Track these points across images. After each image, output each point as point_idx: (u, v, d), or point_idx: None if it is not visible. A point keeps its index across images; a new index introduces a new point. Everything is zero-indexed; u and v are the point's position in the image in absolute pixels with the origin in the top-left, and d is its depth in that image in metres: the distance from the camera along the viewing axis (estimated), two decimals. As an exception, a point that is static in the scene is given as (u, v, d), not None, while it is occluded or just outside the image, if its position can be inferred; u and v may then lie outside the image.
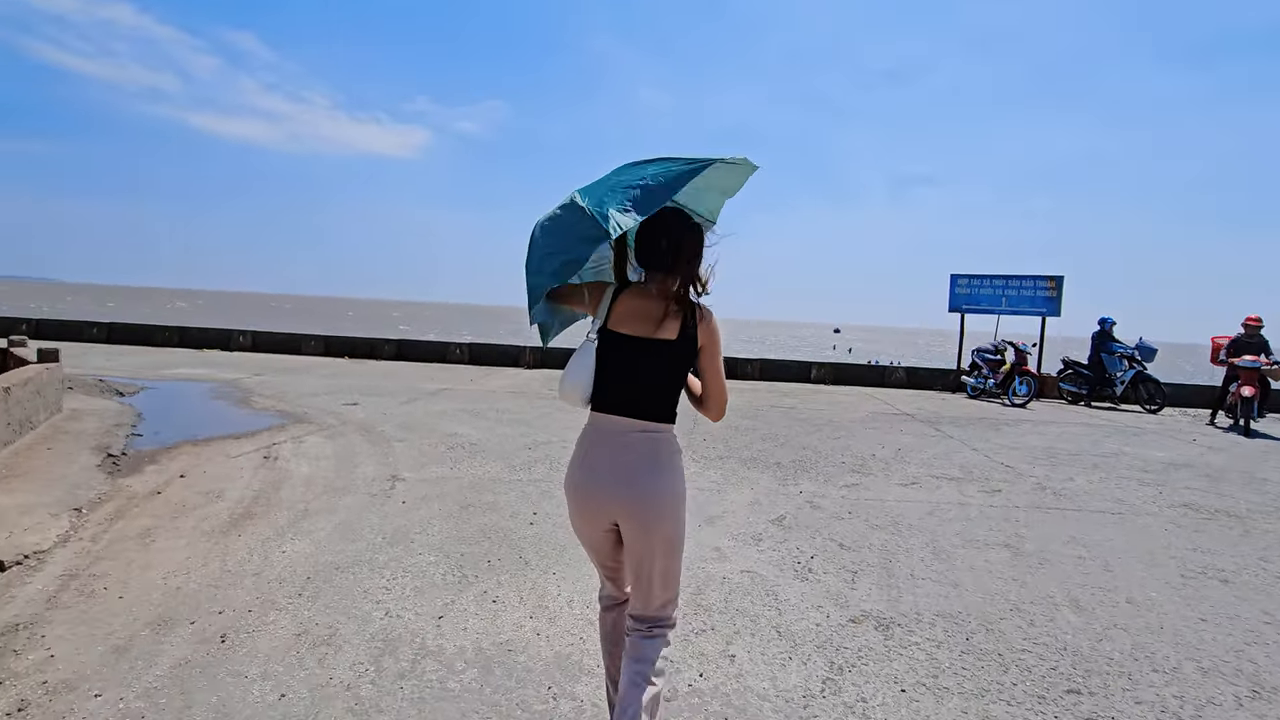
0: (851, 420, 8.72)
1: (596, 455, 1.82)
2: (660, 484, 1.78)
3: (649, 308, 1.79)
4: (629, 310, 1.81)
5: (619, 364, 1.81)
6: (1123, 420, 10.11)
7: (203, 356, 12.69)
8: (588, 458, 1.84)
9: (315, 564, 3.25)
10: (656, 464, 1.79)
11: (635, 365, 1.80)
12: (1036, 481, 5.73)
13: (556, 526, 3.96)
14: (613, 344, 1.81)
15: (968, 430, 8.38)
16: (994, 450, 7.08)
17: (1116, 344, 11.82)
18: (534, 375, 12.37)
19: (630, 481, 1.76)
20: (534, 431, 6.84)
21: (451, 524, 3.92)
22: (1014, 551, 3.92)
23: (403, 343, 14.76)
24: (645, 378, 1.80)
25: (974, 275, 14.41)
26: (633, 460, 1.78)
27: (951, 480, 5.62)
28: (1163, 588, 3.48)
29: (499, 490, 4.67)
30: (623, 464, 1.78)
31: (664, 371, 1.80)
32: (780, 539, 3.95)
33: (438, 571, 3.22)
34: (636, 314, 1.80)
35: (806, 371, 14.29)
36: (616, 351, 1.81)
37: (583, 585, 3.15)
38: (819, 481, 5.37)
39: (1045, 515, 4.71)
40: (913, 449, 6.91)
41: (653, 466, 1.78)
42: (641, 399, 1.80)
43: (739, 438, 7.02)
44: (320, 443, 5.91)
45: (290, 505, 4.14)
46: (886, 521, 4.38)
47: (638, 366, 1.80)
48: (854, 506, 4.70)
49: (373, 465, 5.21)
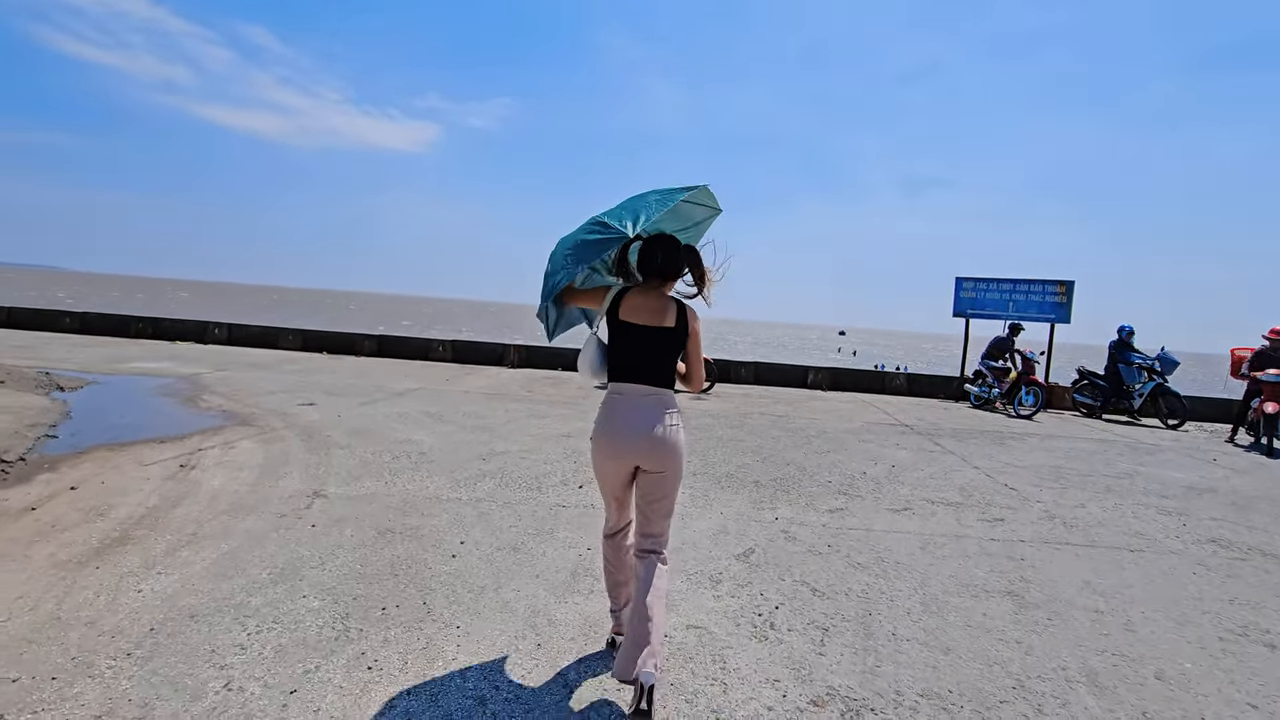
0: (845, 431, 8.12)
1: (620, 413, 2.35)
2: (667, 432, 2.34)
3: (653, 304, 2.38)
4: (636, 306, 2.37)
5: (632, 345, 2.36)
6: (1135, 436, 9.48)
7: (172, 349, 12.17)
8: (613, 415, 2.36)
9: (169, 609, 2.69)
10: (664, 418, 2.35)
11: (645, 346, 2.36)
12: (1044, 508, 5.13)
13: (482, 560, 3.39)
14: (626, 331, 2.36)
15: (969, 444, 7.78)
16: (997, 469, 6.47)
17: (1135, 354, 11.14)
18: (516, 375, 11.80)
19: (647, 432, 2.31)
20: (495, 440, 6.27)
21: (358, 556, 3.35)
22: (1018, 601, 3.32)
23: (384, 339, 14.22)
24: (652, 355, 2.36)
25: (980, 279, 13.77)
26: (647, 415, 2.33)
27: (949, 506, 5.03)
28: (1198, 655, 2.88)
29: (430, 511, 4.10)
30: (640, 419, 2.33)
31: (666, 350, 2.37)
32: (743, 581, 3.36)
33: (315, 623, 2.66)
34: (643, 309, 2.37)
35: (803, 376, 13.68)
36: (630, 337, 2.36)
37: (489, 645, 2.58)
38: (799, 505, 4.78)
39: (1054, 553, 4.11)
40: (908, 466, 6.31)
41: (662, 419, 2.34)
42: (650, 370, 2.36)
43: (718, 450, 6.44)
44: (252, 449, 5.36)
45: (179, 528, 3.57)
46: (871, 558, 3.79)
47: (647, 347, 2.36)
48: (835, 538, 4.11)
49: (298, 478, 4.65)
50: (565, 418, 7.74)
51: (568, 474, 5.22)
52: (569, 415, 7.94)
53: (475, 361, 13.70)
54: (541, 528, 3.94)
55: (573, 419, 7.70)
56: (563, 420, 7.58)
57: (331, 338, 14.20)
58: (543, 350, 14.01)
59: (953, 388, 13.46)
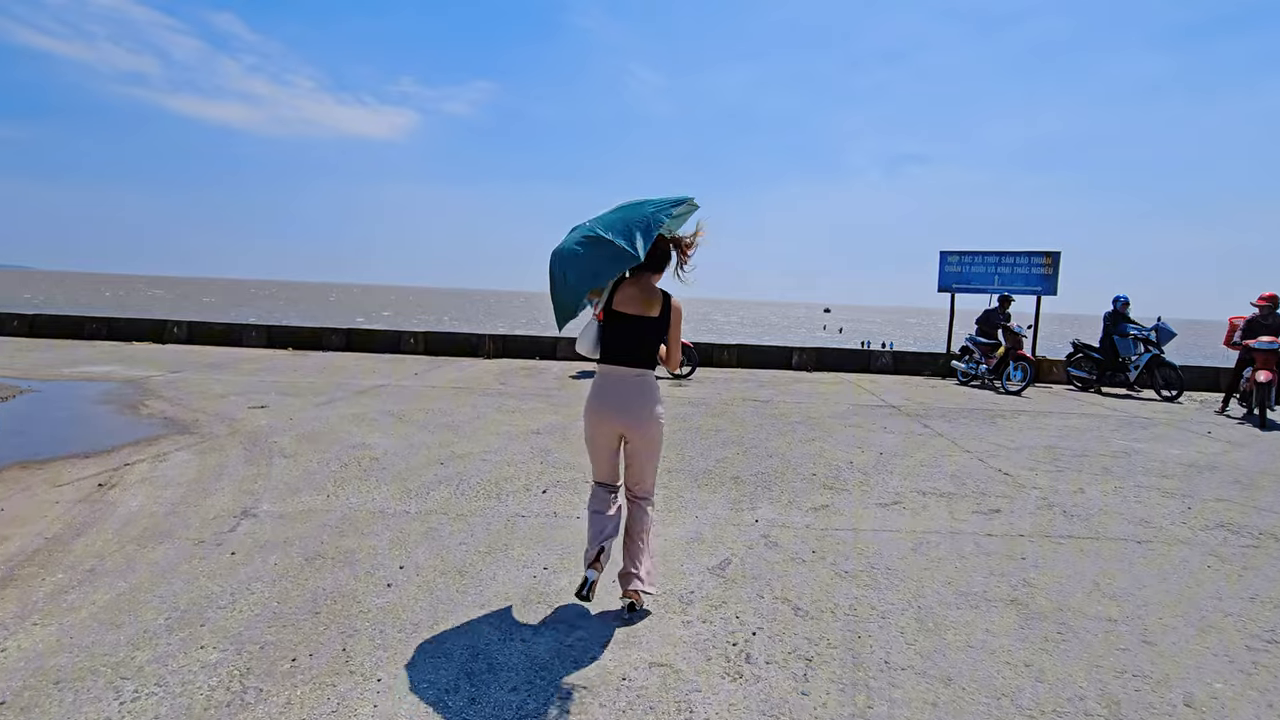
0: (831, 416, 7.78)
1: (609, 390, 2.78)
2: (649, 408, 2.78)
3: (643, 296, 2.78)
4: (629, 297, 2.77)
5: (623, 333, 2.76)
6: (1127, 409, 9.24)
7: (125, 351, 11.56)
8: (604, 392, 2.78)
9: (33, 673, 2.26)
10: (647, 395, 2.79)
11: (634, 334, 2.76)
12: (1041, 496, 4.81)
13: (421, 589, 2.99)
14: (618, 319, 2.77)
15: (959, 425, 7.47)
16: (989, 452, 6.16)
17: (1131, 325, 10.84)
18: (490, 367, 11.34)
19: (632, 407, 2.76)
20: (458, 440, 5.85)
21: (277, 590, 2.93)
22: (1023, 612, 2.98)
23: (353, 332, 13.67)
24: (638, 340, 2.77)
25: (965, 252, 13.45)
26: (632, 393, 2.77)
27: (941, 497, 4.69)
28: (1228, 671, 2.56)
29: (371, 530, 3.68)
30: (626, 396, 2.76)
31: (652, 337, 2.78)
32: (717, 601, 2.99)
33: (208, 684, 2.24)
34: (633, 300, 2.77)
35: (787, 358, 13.34)
36: (622, 325, 2.76)
37: (412, 705, 2.18)
38: (782, 504, 4.42)
39: (1057, 548, 3.78)
40: (897, 453, 5.98)
41: (645, 397, 2.78)
42: (636, 354, 2.77)
43: (697, 443, 6.06)
44: (185, 461, 4.90)
45: (75, 563, 3.13)
46: (860, 565, 3.44)
47: (635, 334, 2.76)
48: (820, 541, 3.76)
49: (230, 494, 4.21)
50: (536, 412, 7.33)
51: (531, 477, 4.82)
52: (540, 409, 7.53)
53: (449, 353, 13.21)
54: (495, 544, 3.55)
55: (544, 412, 7.29)
56: (533, 415, 7.16)
57: (298, 333, 13.63)
58: (518, 340, 13.54)
59: (939, 364, 13.19)
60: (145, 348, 12.30)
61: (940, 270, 13.61)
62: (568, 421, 6.82)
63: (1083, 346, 11.43)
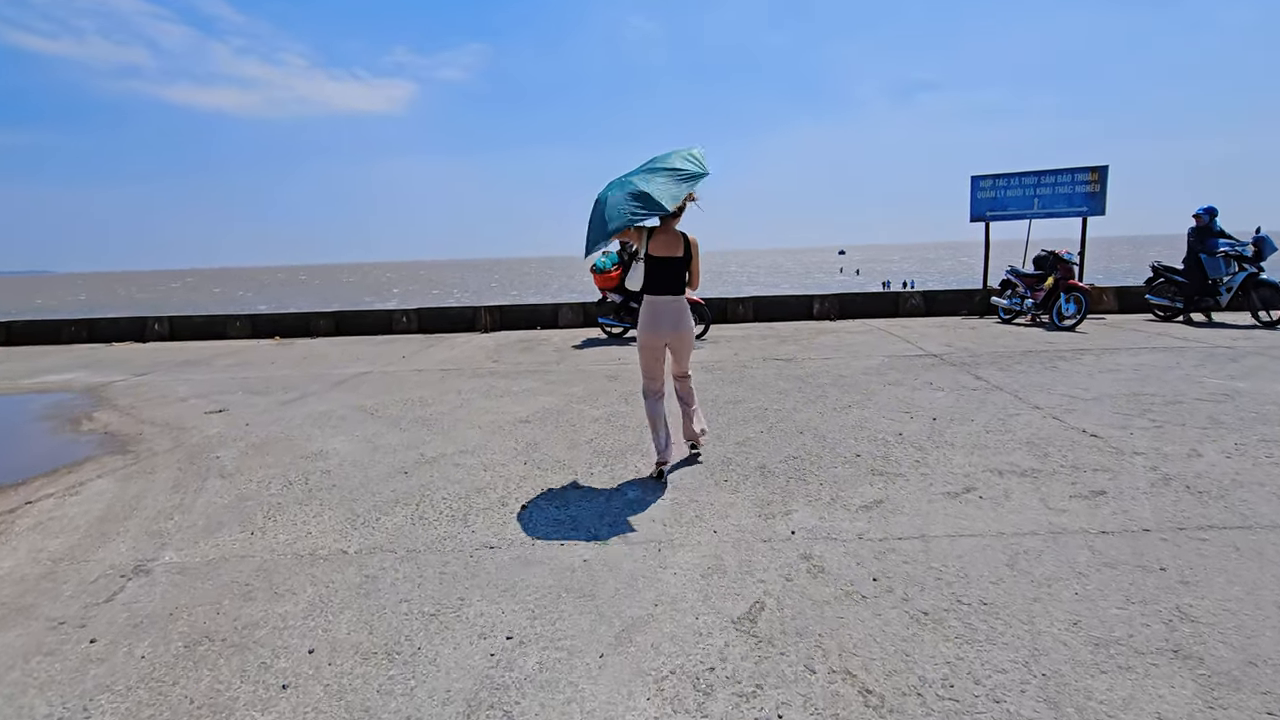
0: (865, 373, 6.77)
1: (657, 313, 3.83)
2: (685, 322, 3.88)
3: (669, 240, 3.77)
4: (660, 243, 3.77)
5: (659, 271, 3.78)
6: (1206, 339, 8.08)
7: (99, 354, 10.83)
8: (653, 315, 3.84)
9: None
10: (682, 314, 3.87)
11: (666, 270, 3.78)
12: (1149, 465, 3.82)
13: (327, 692, 2.12)
14: (655, 262, 3.78)
15: (1016, 374, 6.43)
16: (1063, 406, 5.15)
17: (1221, 240, 9.29)
18: (485, 342, 10.44)
19: (673, 323, 3.84)
20: (431, 439, 4.97)
21: (128, 706, 2.09)
22: (1198, 673, 2.04)
23: (342, 315, 12.82)
24: (671, 276, 3.80)
25: (999, 175, 12.09)
26: (672, 313, 3.83)
27: (1023, 476, 3.72)
28: None
29: (289, 587, 2.82)
30: (669, 315, 3.83)
31: (680, 270, 3.81)
32: (748, 685, 2.08)
33: None
34: (664, 245, 3.76)
35: (808, 307, 12.25)
36: (657, 265, 3.78)
37: None
38: (823, 502, 3.49)
39: (1202, 549, 2.81)
40: (953, 417, 4.99)
41: (681, 315, 3.87)
42: (672, 285, 3.81)
43: (714, 421, 5.12)
44: (100, 492, 4.09)
45: (-125, 674, 2.32)
46: (942, 598, 2.51)
47: (667, 270, 3.78)
48: (881, 560, 2.83)
49: (132, 539, 3.38)
50: (529, 393, 6.43)
51: (511, 484, 3.93)
52: (535, 389, 6.63)
53: (443, 330, 12.33)
54: (447, 598, 2.67)
55: (538, 394, 6.39)
56: (526, 397, 6.27)
57: (284, 320, 12.82)
58: (517, 310, 12.60)
59: (976, 302, 12.02)
60: (124, 348, 11.58)
61: (972, 198, 12.29)
62: (563, 404, 5.91)
63: (1164, 269, 9.92)
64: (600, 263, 9.79)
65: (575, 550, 3.03)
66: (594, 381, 6.89)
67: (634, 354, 8.56)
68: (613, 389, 6.48)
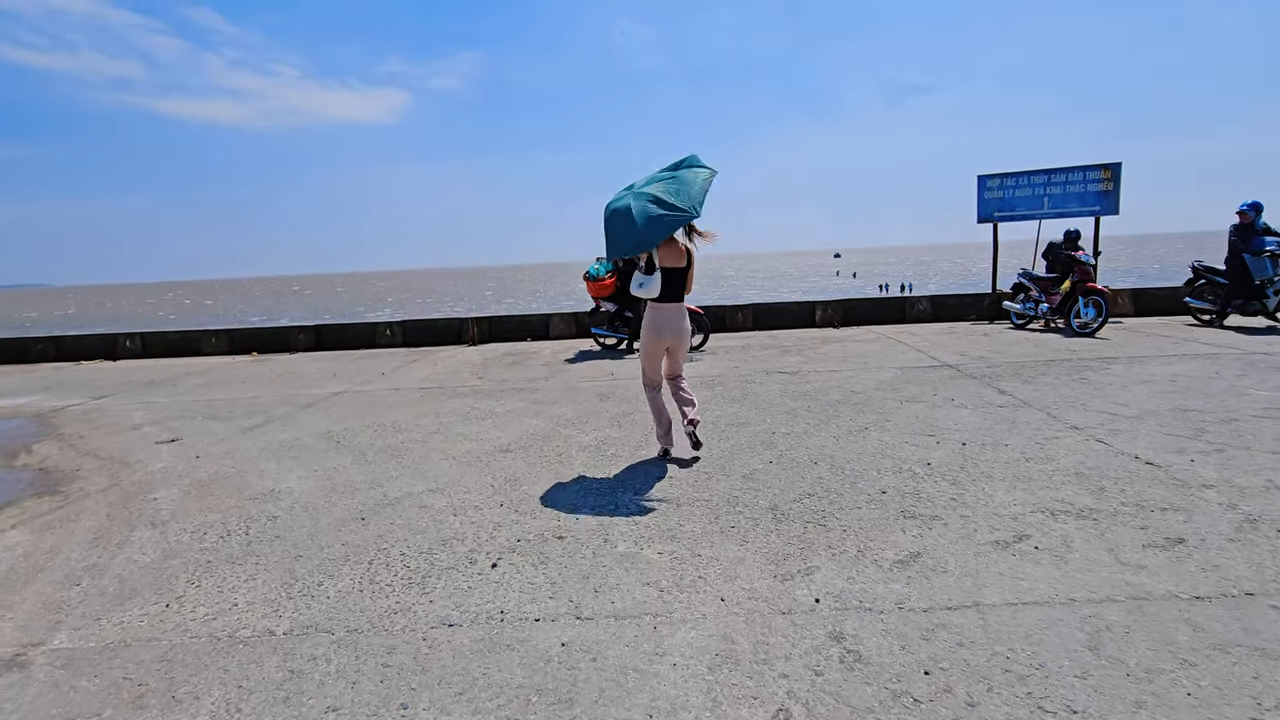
0: (878, 387, 6.23)
1: (662, 318, 4.24)
2: (685, 326, 4.32)
3: (673, 252, 4.16)
4: (666, 255, 4.13)
5: (665, 280, 4.15)
6: (1237, 344, 7.56)
7: (65, 374, 10.23)
8: (659, 320, 4.25)
9: None
10: (682, 318, 4.31)
11: (672, 279, 4.17)
12: (1224, 500, 3.28)
13: None
14: (662, 272, 4.13)
15: (1043, 387, 5.90)
16: (1104, 426, 4.61)
17: (1268, 239, 8.59)
18: (472, 356, 9.88)
19: (676, 328, 4.28)
20: (398, 475, 4.41)
21: None
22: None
23: (323, 329, 12.24)
24: (675, 284, 4.19)
25: (1007, 174, 11.59)
26: (676, 318, 4.27)
27: (1081, 519, 3.18)
28: None
29: (190, 687, 2.25)
30: (673, 321, 4.26)
31: (681, 279, 4.22)
32: None
33: None
34: (669, 256, 4.14)
35: (810, 314, 11.73)
36: (664, 274, 4.14)
37: None
38: (849, 556, 2.93)
39: (1329, 621, 2.26)
40: (983, 440, 4.45)
41: (682, 320, 4.31)
42: (676, 293, 4.21)
43: (715, 447, 4.57)
44: (10, 547, 3.52)
45: None
46: (1019, 705, 1.94)
47: (673, 280, 4.17)
48: (930, 643, 2.27)
49: (25, 611, 2.81)
50: (513, 415, 5.87)
51: (483, 534, 3.37)
52: (519, 410, 6.07)
53: (428, 343, 11.76)
54: (385, 708, 2.10)
55: (522, 415, 5.84)
56: (509, 420, 5.71)
57: (262, 335, 12.24)
58: (506, 321, 12.06)
59: (986, 306, 11.52)
60: (92, 367, 10.99)
61: (979, 198, 11.79)
62: (549, 429, 5.36)
63: (1205, 270, 9.35)
64: (594, 269, 9.26)
65: (552, 630, 2.48)
66: (584, 401, 6.33)
67: (628, 368, 8.03)
68: (604, 410, 5.92)
